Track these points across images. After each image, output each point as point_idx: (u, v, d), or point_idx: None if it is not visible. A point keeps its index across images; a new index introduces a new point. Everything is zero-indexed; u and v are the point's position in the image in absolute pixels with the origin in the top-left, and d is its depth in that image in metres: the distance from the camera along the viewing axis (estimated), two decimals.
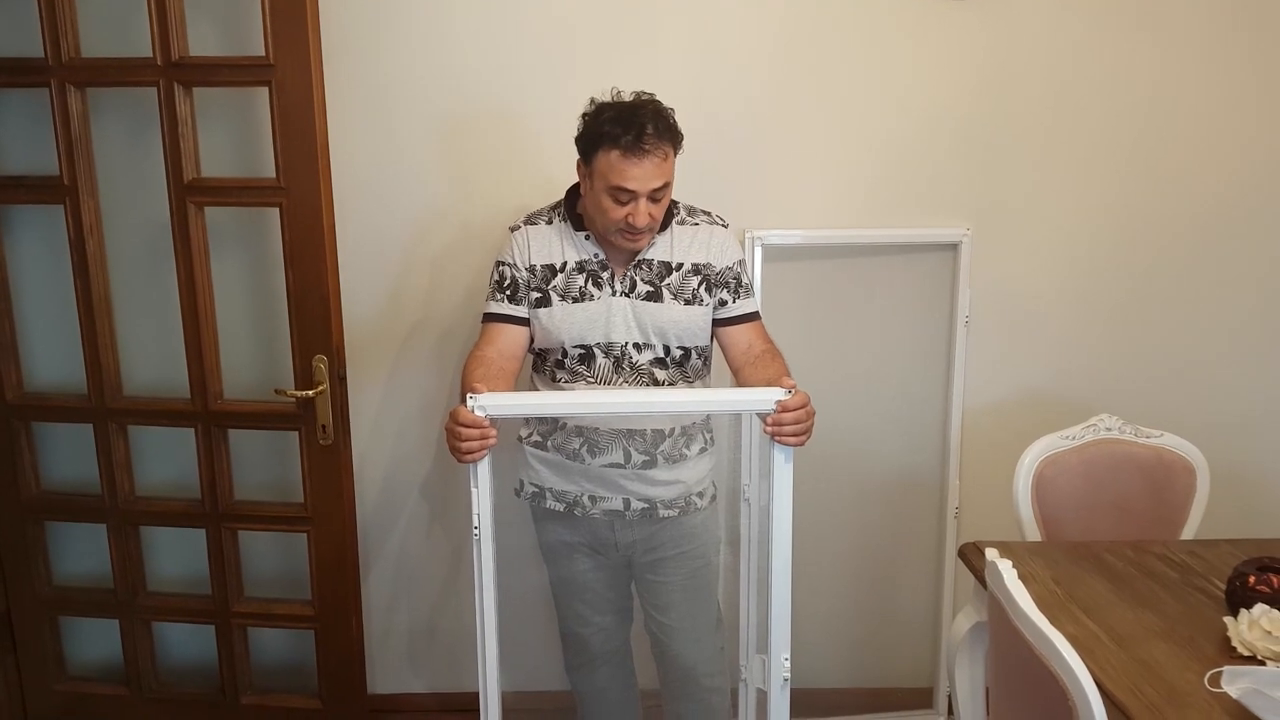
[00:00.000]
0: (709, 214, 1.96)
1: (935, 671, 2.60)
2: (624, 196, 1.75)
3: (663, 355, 1.90)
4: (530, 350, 1.96)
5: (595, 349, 1.88)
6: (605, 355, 1.89)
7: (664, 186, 1.78)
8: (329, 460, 2.21)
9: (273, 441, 2.35)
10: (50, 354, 2.35)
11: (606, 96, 1.80)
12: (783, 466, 1.61)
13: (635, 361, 1.89)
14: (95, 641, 2.50)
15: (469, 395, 1.62)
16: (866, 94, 2.31)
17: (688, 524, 2.00)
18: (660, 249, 1.89)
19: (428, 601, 2.59)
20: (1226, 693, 1.42)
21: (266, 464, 2.40)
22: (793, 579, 1.64)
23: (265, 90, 2.03)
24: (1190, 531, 2.12)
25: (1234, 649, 1.55)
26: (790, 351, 1.92)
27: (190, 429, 2.23)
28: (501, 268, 1.92)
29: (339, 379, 2.18)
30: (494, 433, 1.62)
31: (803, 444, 1.63)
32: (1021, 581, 1.46)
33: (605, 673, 2.18)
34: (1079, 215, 2.39)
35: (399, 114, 2.29)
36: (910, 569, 2.59)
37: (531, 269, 1.89)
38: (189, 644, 2.51)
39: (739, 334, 1.92)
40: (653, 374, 1.90)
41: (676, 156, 1.80)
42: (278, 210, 2.09)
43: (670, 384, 1.92)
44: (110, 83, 2.11)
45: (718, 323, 1.93)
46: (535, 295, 1.89)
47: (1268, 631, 1.52)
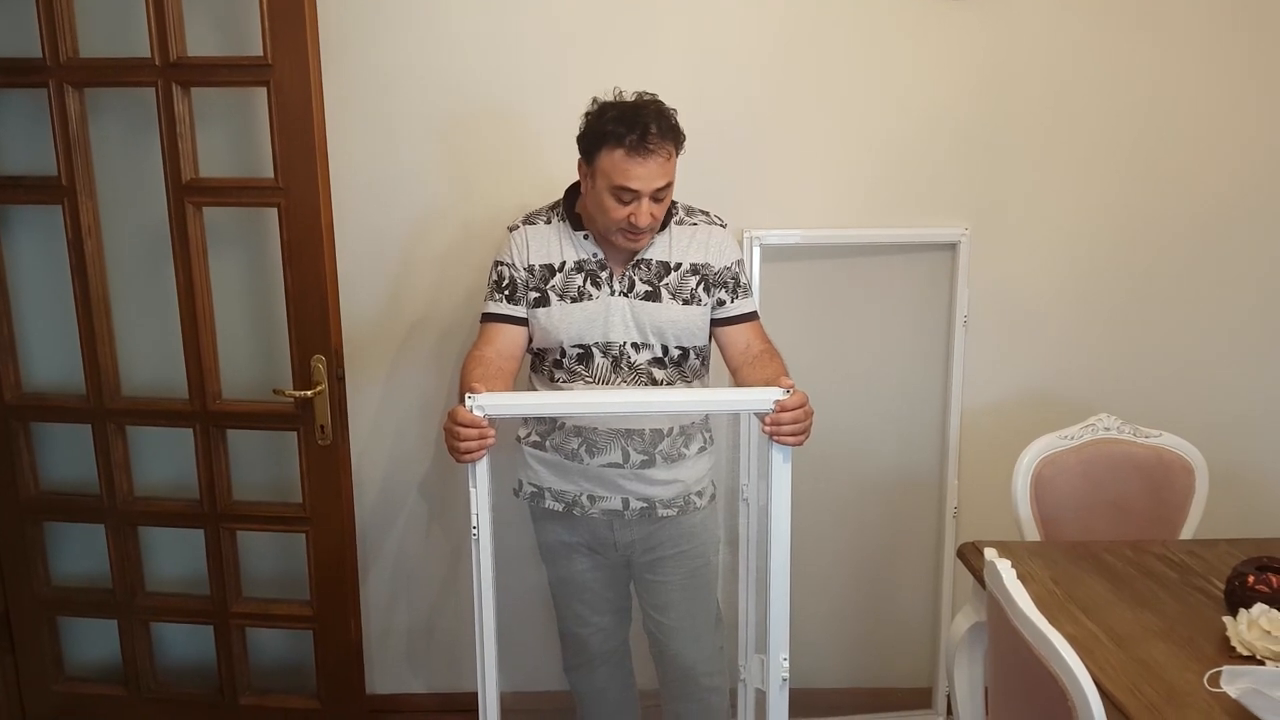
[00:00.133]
0: (707, 214, 1.96)
1: (934, 671, 2.60)
2: (627, 196, 1.75)
3: (661, 355, 1.90)
4: (529, 350, 1.96)
5: (594, 349, 1.88)
6: (604, 355, 1.88)
7: (666, 186, 1.78)
8: (328, 460, 2.21)
9: (271, 442, 2.35)
10: (49, 354, 2.35)
11: (608, 96, 1.80)
12: (781, 466, 1.61)
13: (634, 361, 1.89)
14: (94, 642, 2.49)
15: (467, 395, 1.62)
16: (866, 94, 2.31)
17: (686, 524, 2.00)
18: (659, 249, 1.88)
19: (426, 601, 2.59)
20: (1226, 692, 1.41)
21: (265, 464, 2.40)
22: (791, 579, 1.64)
23: (264, 90, 2.03)
24: (1189, 531, 2.12)
25: (1233, 649, 1.54)
26: (789, 351, 1.92)
27: (189, 429, 2.23)
28: (500, 268, 1.92)
29: (337, 379, 2.17)
30: (492, 433, 1.62)
31: (801, 444, 1.63)
32: (1020, 581, 1.46)
33: (604, 673, 2.17)
34: (1079, 215, 2.39)
35: (398, 114, 2.29)
36: (909, 569, 2.59)
37: (530, 269, 1.89)
38: (187, 644, 2.50)
39: (737, 334, 1.92)
40: (651, 374, 1.90)
41: (678, 156, 1.80)
42: (276, 210, 2.09)
43: (668, 384, 1.91)
44: (108, 83, 2.11)
45: (716, 322, 1.93)
46: (534, 295, 1.89)
47: (1267, 631, 1.52)
